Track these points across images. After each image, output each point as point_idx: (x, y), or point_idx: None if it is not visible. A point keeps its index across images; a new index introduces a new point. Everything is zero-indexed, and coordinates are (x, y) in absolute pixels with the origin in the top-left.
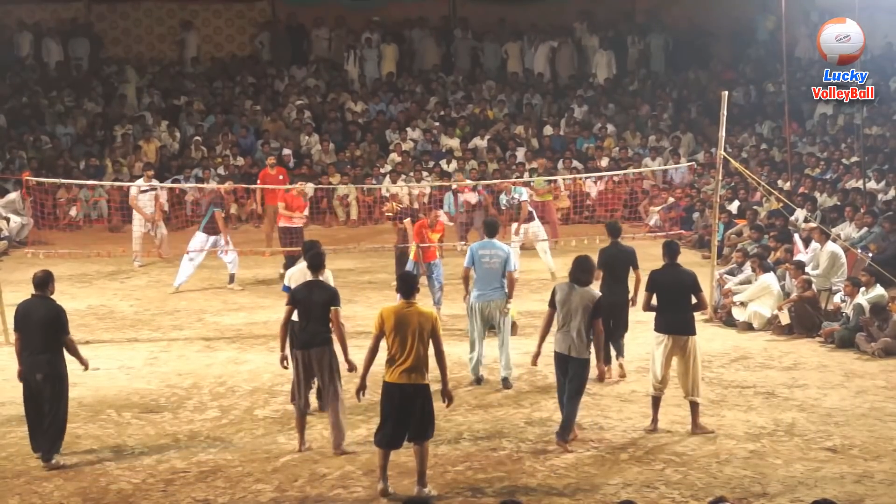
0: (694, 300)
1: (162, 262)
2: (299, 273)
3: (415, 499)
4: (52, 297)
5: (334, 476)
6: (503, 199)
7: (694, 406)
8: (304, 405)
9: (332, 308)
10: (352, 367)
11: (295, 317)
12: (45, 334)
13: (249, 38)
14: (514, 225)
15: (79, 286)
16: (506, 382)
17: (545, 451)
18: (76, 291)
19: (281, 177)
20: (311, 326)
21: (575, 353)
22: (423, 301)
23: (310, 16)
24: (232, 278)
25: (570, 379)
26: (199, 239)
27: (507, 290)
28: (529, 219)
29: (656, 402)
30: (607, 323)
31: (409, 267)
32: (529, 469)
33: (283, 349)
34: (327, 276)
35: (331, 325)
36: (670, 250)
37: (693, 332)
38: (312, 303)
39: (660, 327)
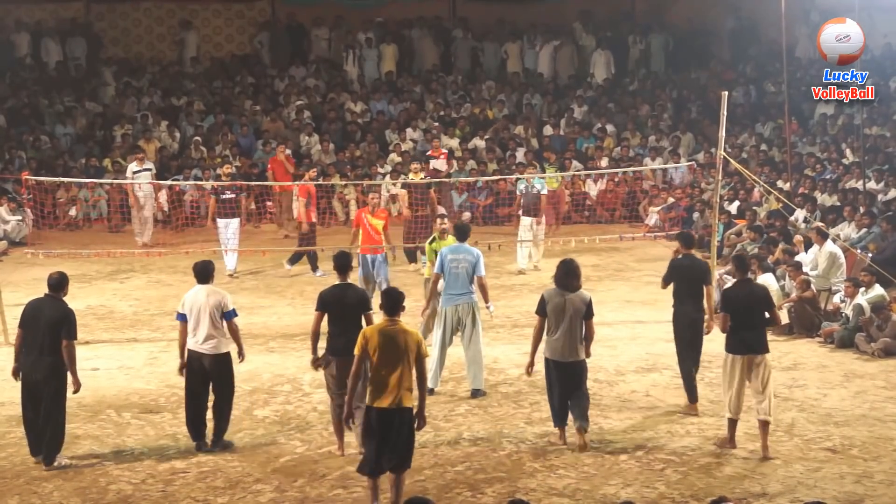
0: (767, 315)
1: (162, 262)
2: (193, 295)
3: (415, 499)
4: (64, 299)
5: (334, 476)
6: (521, 185)
7: (765, 426)
8: (339, 404)
9: (365, 313)
10: None
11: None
12: (51, 336)
13: (249, 37)
14: (526, 219)
15: (78, 286)
16: (476, 393)
17: (545, 451)
18: (76, 291)
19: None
20: (347, 333)
21: (572, 358)
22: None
23: (309, 16)
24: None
25: (573, 380)
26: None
27: (481, 294)
28: (539, 215)
29: (733, 424)
30: (679, 343)
31: (360, 265)
32: (529, 469)
33: (314, 352)
34: (223, 294)
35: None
36: (741, 265)
37: (768, 350)
38: (346, 306)
39: (734, 347)
